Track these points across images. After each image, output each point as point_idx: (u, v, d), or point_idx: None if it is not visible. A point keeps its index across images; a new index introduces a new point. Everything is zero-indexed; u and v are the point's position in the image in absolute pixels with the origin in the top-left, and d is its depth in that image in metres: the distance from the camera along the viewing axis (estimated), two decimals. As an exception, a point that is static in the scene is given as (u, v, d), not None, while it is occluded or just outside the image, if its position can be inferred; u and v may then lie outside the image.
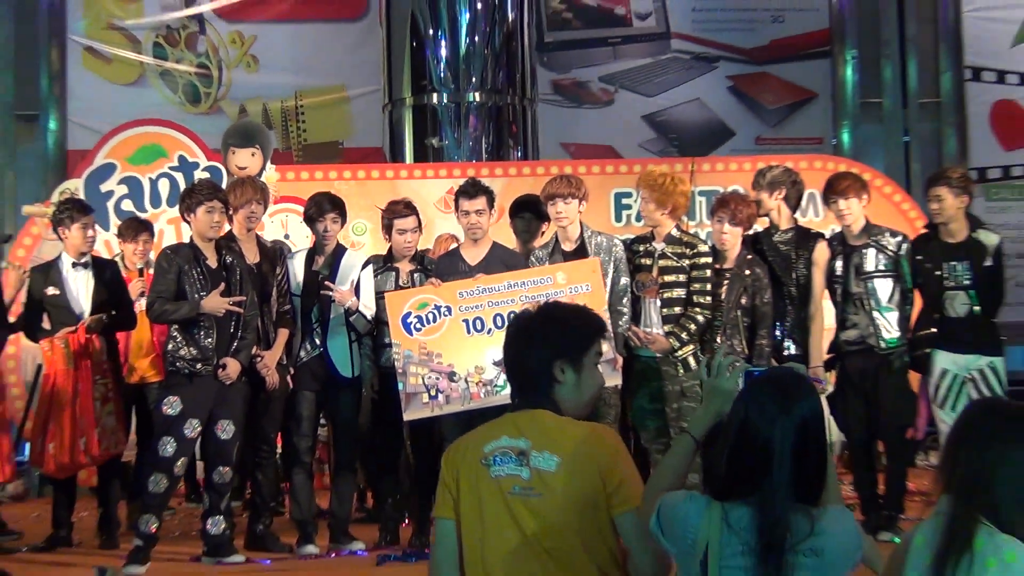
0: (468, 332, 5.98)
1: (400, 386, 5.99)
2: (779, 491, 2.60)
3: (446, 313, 5.99)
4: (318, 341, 6.36)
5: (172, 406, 5.87)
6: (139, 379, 7.00)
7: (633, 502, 2.84)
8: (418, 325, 6.00)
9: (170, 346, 5.98)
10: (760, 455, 2.64)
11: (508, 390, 5.25)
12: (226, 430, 5.99)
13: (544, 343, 3.02)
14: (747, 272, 6.26)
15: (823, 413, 2.74)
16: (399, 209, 6.54)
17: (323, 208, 6.44)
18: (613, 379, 6.04)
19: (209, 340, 5.92)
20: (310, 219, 6.51)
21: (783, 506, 2.60)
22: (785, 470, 2.61)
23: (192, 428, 5.88)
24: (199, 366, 5.90)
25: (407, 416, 6.01)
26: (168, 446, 5.84)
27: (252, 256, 6.33)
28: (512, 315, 5.68)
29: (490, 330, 5.90)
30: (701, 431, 2.97)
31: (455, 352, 5.95)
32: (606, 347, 5.92)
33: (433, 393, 5.94)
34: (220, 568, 5.88)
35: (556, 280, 6.02)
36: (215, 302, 5.90)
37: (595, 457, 2.87)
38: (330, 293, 6.27)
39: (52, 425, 6.34)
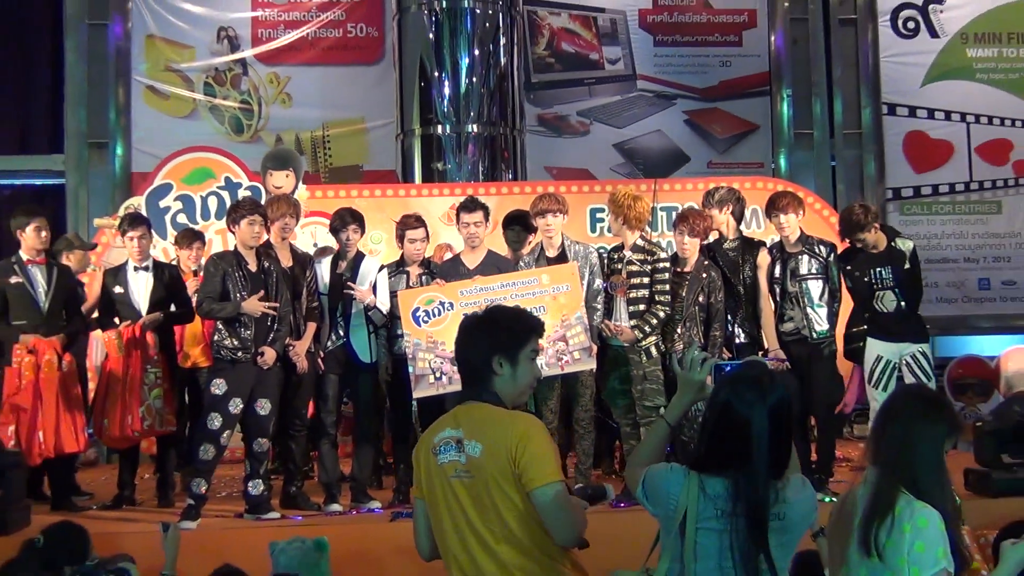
0: None
1: (410, 369, 5.95)
2: (759, 473, 2.60)
3: (449, 308, 5.95)
4: (342, 332, 6.34)
5: (218, 387, 5.84)
6: (192, 364, 6.95)
7: (542, 480, 2.76)
8: (425, 318, 5.95)
9: (216, 337, 5.95)
10: (739, 436, 2.63)
11: None
12: (264, 407, 5.95)
13: (485, 340, 2.97)
14: (703, 275, 6.24)
15: (791, 402, 2.73)
16: (411, 222, 6.52)
17: (345, 221, 6.42)
18: (589, 364, 6.01)
19: (248, 333, 5.88)
20: (335, 230, 6.49)
21: (764, 485, 2.60)
22: (763, 451, 2.60)
23: (235, 405, 5.84)
24: (239, 354, 5.86)
25: (416, 394, 5.97)
26: (215, 420, 5.81)
27: (286, 261, 6.28)
28: None
29: None
30: (675, 418, 2.95)
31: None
32: (583, 336, 5.94)
33: (438, 375, 5.89)
34: (259, 523, 5.83)
35: (541, 281, 5.98)
36: (253, 305, 5.86)
37: (505, 441, 2.80)
38: (352, 292, 6.23)
39: (108, 404, 6.30)
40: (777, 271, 6.36)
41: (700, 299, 6.19)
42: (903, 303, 6.15)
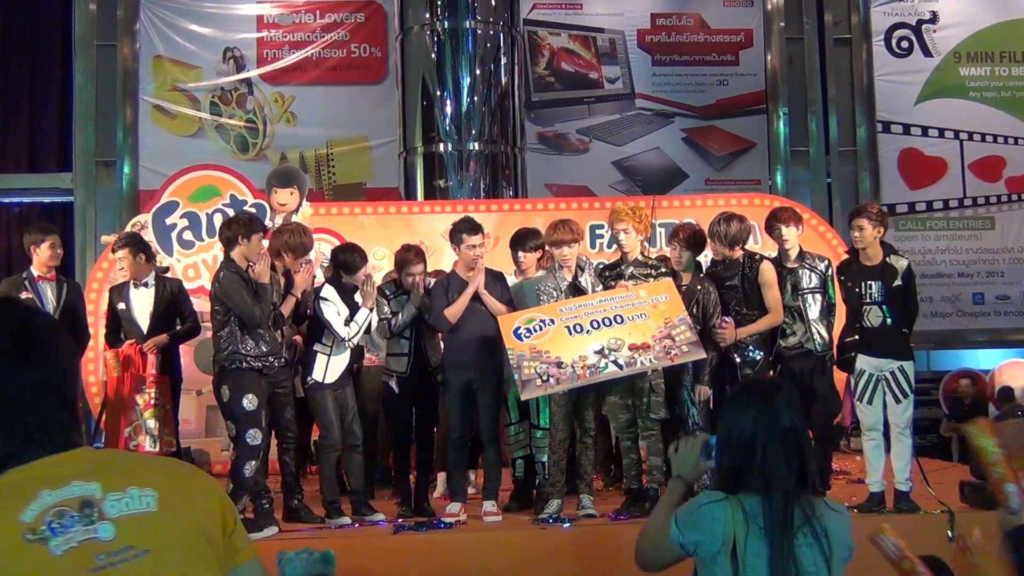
0: (570, 334, 5.93)
1: (516, 376, 5.87)
2: (778, 490, 2.51)
3: (550, 324, 5.95)
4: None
5: (251, 402, 5.64)
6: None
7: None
8: (526, 334, 5.95)
9: (232, 348, 5.67)
10: (745, 452, 2.55)
11: (609, 370, 5.39)
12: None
13: None
14: (698, 287, 6.26)
15: (801, 418, 2.63)
16: (410, 258, 6.36)
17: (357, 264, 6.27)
18: (699, 354, 5.88)
19: (271, 336, 5.76)
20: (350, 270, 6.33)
21: (786, 502, 2.50)
22: (778, 465, 2.52)
23: (264, 418, 5.71)
24: (270, 360, 5.73)
25: (524, 396, 5.89)
26: (256, 436, 5.67)
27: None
28: (606, 320, 5.80)
29: (588, 331, 5.85)
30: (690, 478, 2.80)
31: (560, 349, 5.87)
32: (689, 333, 5.89)
33: (545, 378, 5.87)
34: (261, 536, 5.77)
35: (639, 295, 6.01)
36: (263, 269, 5.72)
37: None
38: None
39: (108, 421, 6.33)
40: (778, 287, 6.34)
41: (694, 310, 6.19)
42: (889, 319, 6.12)
